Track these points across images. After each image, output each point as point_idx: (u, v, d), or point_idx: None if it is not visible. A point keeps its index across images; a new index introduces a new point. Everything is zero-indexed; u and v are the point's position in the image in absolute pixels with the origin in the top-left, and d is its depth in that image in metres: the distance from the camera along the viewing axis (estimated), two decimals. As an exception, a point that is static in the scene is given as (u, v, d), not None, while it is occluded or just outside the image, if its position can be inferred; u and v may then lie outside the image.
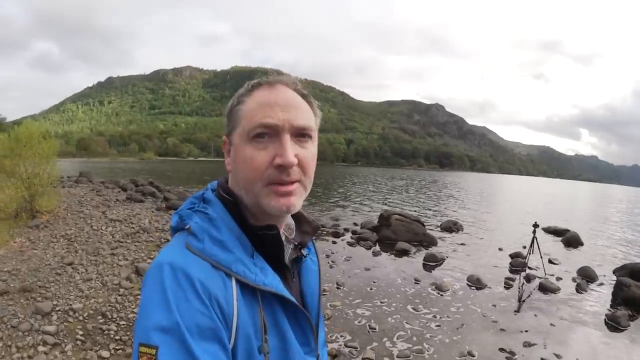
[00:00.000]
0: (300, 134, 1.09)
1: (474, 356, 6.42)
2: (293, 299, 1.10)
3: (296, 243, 1.25)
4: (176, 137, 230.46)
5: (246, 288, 1.02)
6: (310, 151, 1.12)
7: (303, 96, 1.15)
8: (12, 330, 5.75)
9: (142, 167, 69.80)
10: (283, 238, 1.17)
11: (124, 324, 6.03)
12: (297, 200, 1.09)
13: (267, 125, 1.06)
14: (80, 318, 6.03)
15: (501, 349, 6.72)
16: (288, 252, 1.21)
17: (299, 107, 1.11)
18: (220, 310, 0.95)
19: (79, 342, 5.49)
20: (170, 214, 14.30)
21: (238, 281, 1.01)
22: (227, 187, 1.17)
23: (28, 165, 12.98)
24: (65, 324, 6.00)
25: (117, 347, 5.51)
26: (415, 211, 23.50)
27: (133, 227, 11.46)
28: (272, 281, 1.07)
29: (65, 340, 5.63)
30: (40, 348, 5.43)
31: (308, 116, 1.13)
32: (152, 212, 14.78)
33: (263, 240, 1.11)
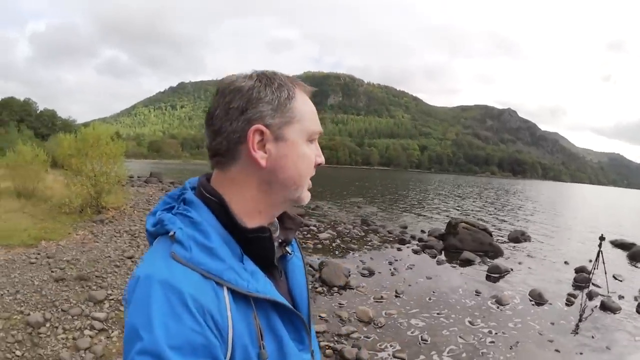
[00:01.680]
0: None
1: (523, 377, 6.23)
2: (287, 304, 1.08)
3: (280, 240, 1.21)
4: None
5: (239, 295, 0.98)
6: None
7: None
8: (62, 313, 6.09)
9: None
10: None
11: None
12: None
13: (320, 133, 1.15)
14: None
15: (551, 373, 6.47)
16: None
17: None
18: (214, 324, 0.91)
19: None
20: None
21: (230, 290, 0.96)
22: (210, 186, 1.10)
23: (95, 164, 13.66)
24: (115, 312, 6.28)
25: None
26: (484, 220, 23.01)
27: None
28: (264, 287, 1.03)
29: (113, 327, 5.92)
30: (87, 332, 5.71)
31: None
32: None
33: (253, 242, 1.06)
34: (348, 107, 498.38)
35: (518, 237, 18.26)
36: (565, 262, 14.36)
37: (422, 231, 18.49)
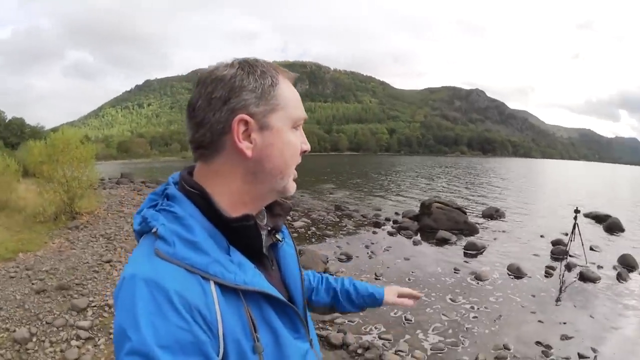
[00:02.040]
0: None
1: (509, 349, 6.23)
2: (278, 295, 1.04)
3: (269, 228, 1.19)
4: None
5: (227, 289, 0.95)
6: None
7: None
8: (47, 326, 5.96)
9: (185, 165, 70.63)
10: None
11: None
12: None
13: (305, 119, 1.14)
14: None
15: (537, 342, 6.48)
16: (263, 240, 1.12)
17: None
18: (202, 319, 0.88)
19: (112, 336, 5.56)
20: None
21: (217, 284, 0.93)
22: (191, 179, 1.08)
23: (66, 170, 13.47)
24: (99, 319, 6.18)
25: None
26: (457, 199, 23.18)
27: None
28: (252, 278, 1.00)
29: (99, 335, 5.81)
30: (74, 342, 5.58)
31: None
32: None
33: (238, 232, 1.03)
34: (315, 94, 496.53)
35: (492, 214, 18.47)
36: (541, 236, 14.52)
37: (396, 213, 18.53)
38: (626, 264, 11.15)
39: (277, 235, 1.22)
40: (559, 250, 11.95)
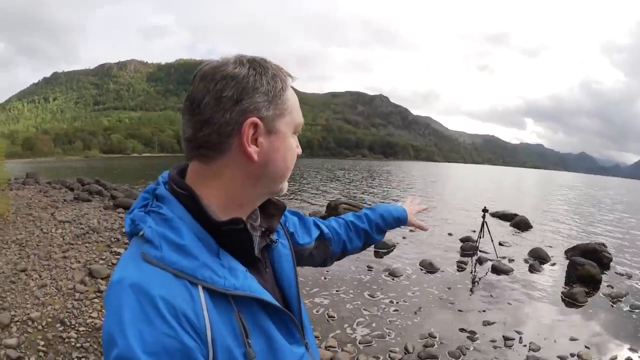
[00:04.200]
0: None
1: (435, 337, 6.53)
2: (270, 299, 1.04)
3: (263, 229, 1.19)
4: (120, 133, 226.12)
5: (217, 294, 0.95)
6: None
7: None
8: None
9: (88, 165, 69.09)
10: (248, 227, 1.09)
11: (83, 330, 5.80)
12: None
13: (302, 125, 1.15)
14: (40, 327, 5.76)
15: (462, 329, 6.86)
16: (256, 242, 1.14)
17: None
18: (190, 326, 0.88)
19: (41, 354, 5.26)
20: (118, 212, 13.97)
21: (206, 288, 0.93)
22: (180, 180, 1.06)
23: None
24: (25, 335, 5.75)
25: (80, 356, 5.29)
26: (362, 200, 23.66)
27: (82, 228, 11.09)
28: (243, 282, 0.99)
29: (28, 353, 5.41)
30: None
31: None
32: (100, 211, 14.38)
33: (228, 236, 1.02)
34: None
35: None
36: (449, 234, 15.18)
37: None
38: (538, 257, 11.99)
39: (271, 236, 1.22)
40: (469, 247, 12.58)
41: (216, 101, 0.99)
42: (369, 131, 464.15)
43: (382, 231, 1.83)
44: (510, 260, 11.58)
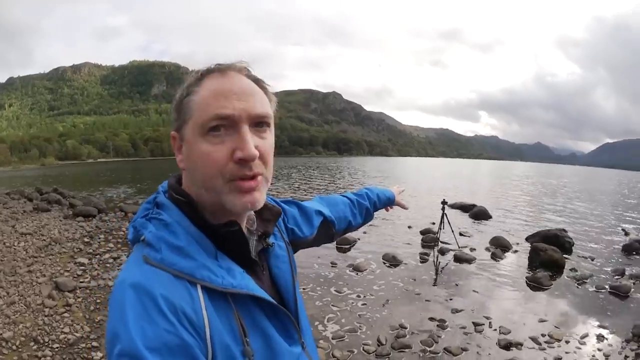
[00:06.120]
0: (259, 123, 1.05)
1: (406, 328, 6.64)
2: (267, 297, 1.06)
3: (260, 233, 1.21)
4: (75, 139, 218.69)
5: (215, 294, 0.97)
6: (269, 141, 1.08)
7: (256, 82, 1.11)
8: None
9: (45, 173, 66.64)
10: (245, 231, 1.12)
11: (57, 347, 5.69)
12: (261, 195, 1.06)
13: (223, 116, 1.00)
14: (14, 347, 5.62)
15: (431, 318, 7.00)
16: (253, 245, 1.16)
17: (256, 94, 1.06)
18: (189, 323, 0.90)
19: None
20: (78, 221, 13.75)
21: (205, 288, 0.96)
22: (178, 187, 1.10)
23: None
24: (0, 357, 5.65)
25: None
26: (307, 195, 23.71)
27: (44, 240, 10.94)
28: (241, 281, 1.01)
29: None
30: None
31: (265, 103, 1.08)
32: (60, 220, 14.20)
33: (225, 238, 1.05)
34: (173, 96, 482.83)
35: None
36: (409, 227, 15.46)
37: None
38: (499, 245, 12.30)
39: (267, 240, 1.22)
40: (430, 238, 12.84)
41: None
42: (322, 128, 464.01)
43: (377, 209, 2.01)
44: (472, 250, 11.84)
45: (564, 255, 10.80)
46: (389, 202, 2.10)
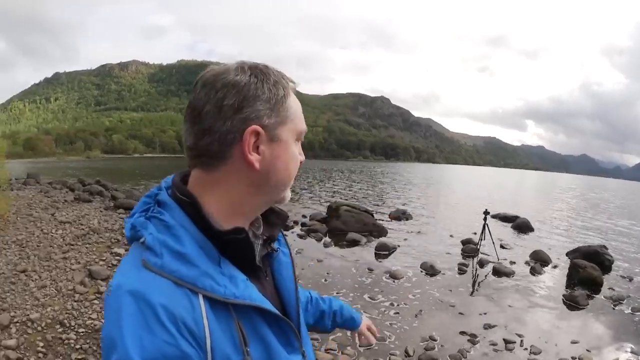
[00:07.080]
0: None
1: (436, 340, 6.53)
2: (270, 308, 1.04)
3: (265, 237, 1.19)
4: (122, 134, 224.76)
5: (217, 303, 0.95)
6: None
7: None
8: None
9: (89, 166, 68.30)
10: (250, 234, 1.09)
11: (82, 332, 5.79)
12: None
13: (305, 132, 1.15)
14: (39, 328, 5.75)
15: (462, 332, 6.87)
16: (257, 250, 1.14)
17: None
18: (189, 333, 0.89)
19: (40, 355, 5.25)
20: (119, 213, 13.93)
21: (206, 297, 0.94)
22: (182, 186, 1.07)
23: None
24: (25, 336, 5.72)
25: (79, 357, 5.28)
26: (363, 202, 23.72)
27: (83, 229, 11.07)
28: (244, 291, 0.99)
29: (27, 354, 5.37)
30: None
31: None
32: (101, 211, 14.39)
33: (229, 245, 1.02)
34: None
35: (399, 216, 19.09)
36: (451, 236, 15.25)
37: (304, 216, 18.59)
38: (539, 259, 12.01)
39: (272, 245, 1.22)
40: (470, 249, 12.63)
41: (217, 110, 0.99)
42: (370, 133, 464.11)
43: (335, 322, 1.78)
44: (512, 263, 11.60)
45: (603, 273, 10.50)
46: (352, 322, 1.83)
